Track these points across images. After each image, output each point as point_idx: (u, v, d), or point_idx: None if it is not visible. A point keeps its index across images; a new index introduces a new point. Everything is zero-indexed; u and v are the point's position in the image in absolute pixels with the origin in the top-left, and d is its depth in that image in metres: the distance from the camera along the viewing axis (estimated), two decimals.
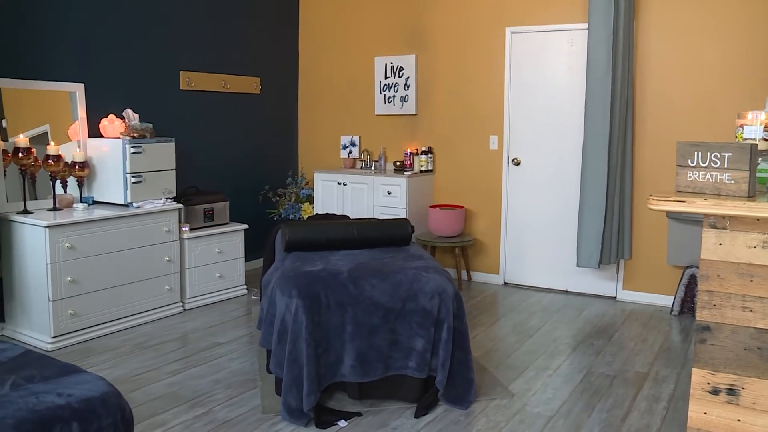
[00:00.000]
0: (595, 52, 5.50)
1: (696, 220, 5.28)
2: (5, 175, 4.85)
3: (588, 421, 3.60)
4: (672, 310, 5.49)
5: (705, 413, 2.47)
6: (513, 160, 6.32)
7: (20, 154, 4.77)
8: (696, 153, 2.39)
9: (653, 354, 4.61)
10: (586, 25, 5.74)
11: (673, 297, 5.65)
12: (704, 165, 2.37)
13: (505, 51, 6.26)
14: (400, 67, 6.80)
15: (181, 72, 6.18)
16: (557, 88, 6.05)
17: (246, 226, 6.08)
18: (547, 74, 6.09)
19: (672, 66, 5.55)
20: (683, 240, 5.36)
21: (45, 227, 4.55)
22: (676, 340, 4.91)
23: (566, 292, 6.17)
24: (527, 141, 6.24)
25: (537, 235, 6.28)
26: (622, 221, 5.73)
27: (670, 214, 5.35)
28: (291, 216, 6.88)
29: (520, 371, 4.30)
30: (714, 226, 2.41)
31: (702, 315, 2.45)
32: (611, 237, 5.67)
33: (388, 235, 4.32)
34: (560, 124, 6.06)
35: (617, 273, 5.95)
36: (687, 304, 5.43)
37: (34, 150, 4.87)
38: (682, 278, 5.40)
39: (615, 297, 5.98)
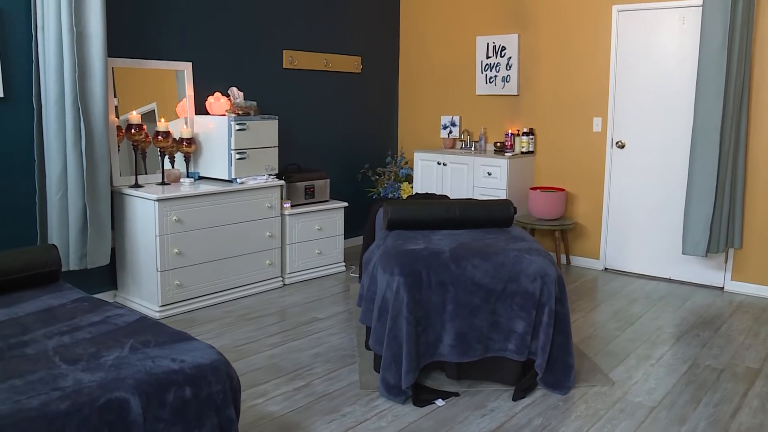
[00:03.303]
0: (710, 30, 5.24)
1: None
2: (119, 150, 5.05)
3: (693, 415, 3.47)
4: None
5: None
6: (617, 143, 6.13)
7: (133, 131, 4.96)
8: None
9: (766, 349, 4.40)
10: (699, 2, 5.47)
11: None
12: None
13: (611, 30, 6.06)
14: (503, 46, 6.69)
15: (284, 51, 6.28)
16: (666, 69, 5.81)
17: (346, 204, 6.15)
18: (655, 54, 5.85)
19: None
20: None
21: (154, 200, 4.72)
22: None
23: (669, 280, 5.96)
24: (633, 123, 6.04)
25: (640, 221, 6.08)
26: (733, 208, 5.47)
27: None
28: (390, 195, 6.90)
29: (621, 359, 4.19)
30: None
31: None
32: (720, 224, 5.43)
33: (490, 215, 4.27)
34: (668, 106, 5.83)
35: (725, 262, 5.69)
36: None
37: (145, 126, 5.05)
38: None
39: (722, 287, 5.73)
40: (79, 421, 2.04)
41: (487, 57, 6.80)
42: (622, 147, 6.11)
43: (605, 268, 6.33)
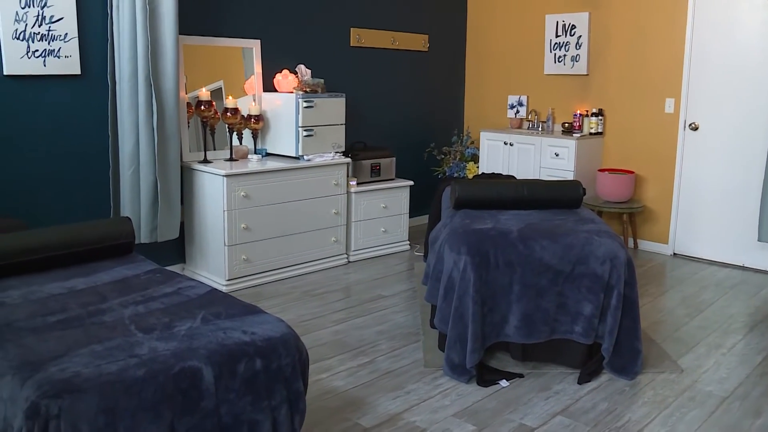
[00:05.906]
0: None
1: None
2: (188, 126, 5.14)
3: None
4: None
5: None
6: (690, 125, 5.95)
7: (202, 107, 5.04)
8: None
9: None
10: None
11: None
12: None
13: (687, 7, 5.85)
14: (572, 25, 6.55)
15: (351, 29, 6.28)
16: (746, 48, 5.59)
17: (411, 183, 6.14)
18: (735, 33, 5.64)
19: None
20: None
21: (223, 176, 4.80)
22: None
23: (743, 268, 5.78)
24: (707, 105, 5.85)
25: (713, 206, 5.90)
26: None
27: None
28: (456, 174, 6.86)
29: (690, 346, 4.09)
30: None
31: None
32: None
33: (559, 196, 4.21)
34: (746, 88, 5.62)
35: None
36: None
37: (214, 103, 5.12)
38: None
39: None
40: (155, 387, 2.10)
41: (557, 36, 6.67)
42: (696, 129, 5.93)
43: (674, 253, 6.18)
